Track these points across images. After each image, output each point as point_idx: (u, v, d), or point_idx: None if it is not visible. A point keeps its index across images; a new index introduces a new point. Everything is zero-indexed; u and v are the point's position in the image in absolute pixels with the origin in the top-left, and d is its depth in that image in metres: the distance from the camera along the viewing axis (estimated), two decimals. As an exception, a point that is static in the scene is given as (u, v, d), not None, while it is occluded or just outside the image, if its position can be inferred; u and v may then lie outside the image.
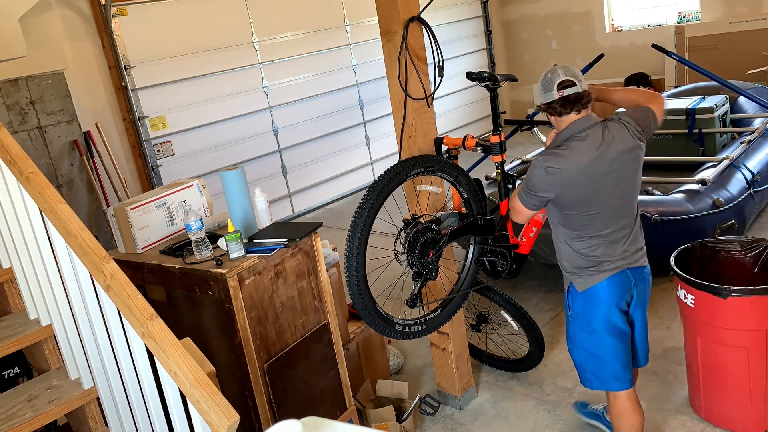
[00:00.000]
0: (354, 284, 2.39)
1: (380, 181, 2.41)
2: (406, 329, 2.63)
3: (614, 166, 2.27)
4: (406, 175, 2.48)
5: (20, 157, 2.07)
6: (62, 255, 2.06)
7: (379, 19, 2.79)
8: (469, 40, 8.93)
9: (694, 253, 2.93)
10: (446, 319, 2.85)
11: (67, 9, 5.28)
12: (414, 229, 2.51)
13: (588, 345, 2.46)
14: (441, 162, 2.61)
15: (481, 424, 3.09)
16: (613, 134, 2.28)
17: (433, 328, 2.79)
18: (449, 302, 2.86)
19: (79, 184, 5.38)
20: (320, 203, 7.23)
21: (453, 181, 2.70)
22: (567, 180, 2.24)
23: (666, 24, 8.13)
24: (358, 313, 2.49)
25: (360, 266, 2.39)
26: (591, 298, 2.38)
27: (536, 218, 2.95)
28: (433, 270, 2.56)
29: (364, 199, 2.38)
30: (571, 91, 2.27)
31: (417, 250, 2.51)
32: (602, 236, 2.33)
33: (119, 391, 2.10)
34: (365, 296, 2.44)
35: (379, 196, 2.39)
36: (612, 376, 2.44)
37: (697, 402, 2.87)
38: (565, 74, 2.29)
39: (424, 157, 2.58)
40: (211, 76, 6.12)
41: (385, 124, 7.70)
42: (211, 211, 2.96)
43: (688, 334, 2.80)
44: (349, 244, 2.37)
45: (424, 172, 2.55)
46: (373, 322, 2.50)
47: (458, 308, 2.92)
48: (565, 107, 2.29)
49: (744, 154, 4.65)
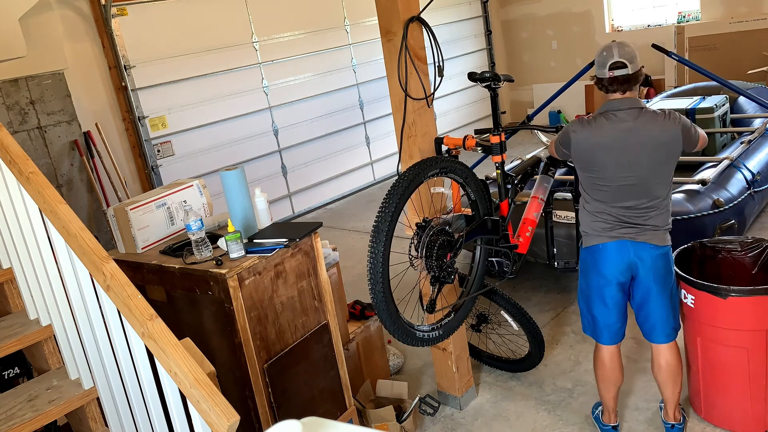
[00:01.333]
0: (379, 293, 2.32)
1: (400, 184, 2.36)
2: (425, 335, 2.62)
3: (631, 151, 2.42)
4: (424, 176, 2.44)
5: (20, 157, 2.07)
6: (62, 255, 2.06)
7: (379, 19, 2.79)
8: (469, 40, 8.93)
9: (694, 253, 2.93)
10: (460, 322, 2.84)
11: (67, 9, 5.29)
12: (430, 233, 2.47)
13: (583, 296, 2.74)
14: (454, 163, 2.60)
15: (481, 424, 3.09)
16: (645, 124, 2.42)
17: (449, 332, 2.78)
18: (461, 306, 2.86)
19: (79, 185, 5.38)
20: (320, 203, 7.23)
21: (463, 182, 2.69)
22: (580, 146, 2.50)
23: (666, 24, 8.13)
24: (381, 321, 2.42)
25: (385, 273, 2.32)
26: (591, 255, 2.61)
27: (531, 218, 2.96)
28: (451, 273, 2.55)
29: (385, 204, 2.32)
30: (621, 73, 2.43)
31: (435, 254, 2.48)
32: (610, 206, 2.51)
33: (119, 391, 2.10)
34: (390, 305, 2.38)
35: (401, 200, 2.34)
36: (597, 329, 2.70)
37: (697, 402, 2.87)
38: (619, 55, 2.43)
39: (440, 158, 2.56)
40: (211, 76, 6.13)
41: (385, 124, 7.70)
42: (211, 211, 2.96)
43: (689, 335, 2.80)
44: (372, 252, 2.30)
45: (438, 174, 2.53)
46: (397, 331, 2.46)
47: (470, 311, 2.92)
48: (612, 85, 2.47)
49: (744, 154, 4.65)
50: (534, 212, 2.98)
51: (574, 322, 3.70)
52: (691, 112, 5.28)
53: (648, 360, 3.32)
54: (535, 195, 3.02)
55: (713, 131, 5.26)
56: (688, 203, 3.98)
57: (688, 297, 2.68)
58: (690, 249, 2.93)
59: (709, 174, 4.29)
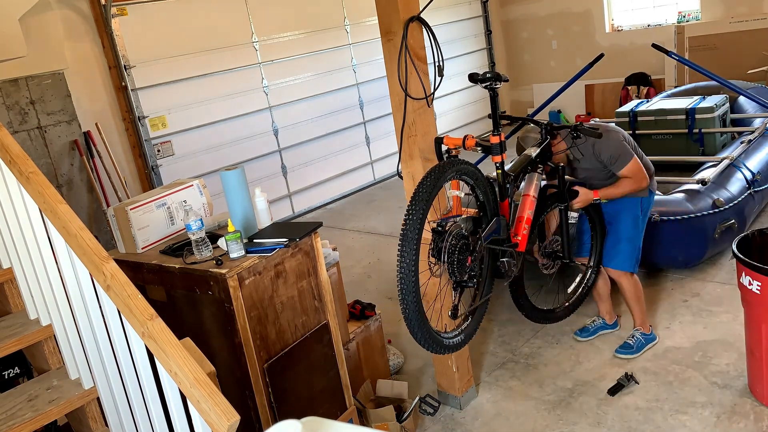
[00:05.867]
0: (411, 303, 2.28)
1: (423, 189, 2.32)
2: (451, 342, 2.62)
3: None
4: (444, 180, 2.42)
5: (20, 157, 2.07)
6: (62, 255, 2.06)
7: (379, 19, 2.79)
8: (469, 40, 8.93)
9: (753, 240, 2.94)
10: (477, 325, 2.84)
11: (67, 9, 5.28)
12: (450, 237, 2.44)
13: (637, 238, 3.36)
14: (467, 164, 2.59)
15: (481, 424, 3.09)
16: None
17: (469, 337, 2.78)
18: (476, 309, 2.85)
19: (79, 184, 5.38)
20: (320, 203, 7.23)
21: (474, 184, 2.68)
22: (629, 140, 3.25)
23: (666, 24, 8.13)
24: (412, 333, 2.38)
25: (416, 284, 2.28)
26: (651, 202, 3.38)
27: (525, 215, 2.96)
28: (474, 276, 2.53)
29: (411, 211, 2.29)
30: None
31: (456, 258, 2.45)
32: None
33: (119, 391, 2.10)
34: (422, 315, 2.35)
35: (426, 205, 2.31)
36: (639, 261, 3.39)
37: (760, 389, 2.86)
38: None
39: (456, 160, 2.55)
40: (211, 76, 6.12)
41: (385, 124, 7.70)
42: (211, 211, 2.96)
43: (752, 321, 2.79)
44: (403, 261, 2.25)
45: (455, 176, 2.52)
46: (428, 341, 2.44)
47: (484, 314, 2.92)
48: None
49: (744, 153, 4.65)
50: (528, 210, 2.98)
51: (575, 321, 3.70)
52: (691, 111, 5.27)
53: (648, 359, 3.33)
54: (526, 193, 3.01)
55: (713, 131, 5.26)
56: (689, 203, 3.98)
57: (753, 284, 2.66)
58: (749, 237, 2.93)
59: (709, 174, 4.29)
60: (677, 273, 4.20)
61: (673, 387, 3.10)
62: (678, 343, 3.43)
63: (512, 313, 3.81)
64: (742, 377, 3.04)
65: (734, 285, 3.45)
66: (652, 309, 3.81)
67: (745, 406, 2.86)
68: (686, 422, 2.85)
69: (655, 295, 3.97)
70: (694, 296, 3.89)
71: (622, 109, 5.74)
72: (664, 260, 4.12)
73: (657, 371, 3.23)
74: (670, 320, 3.68)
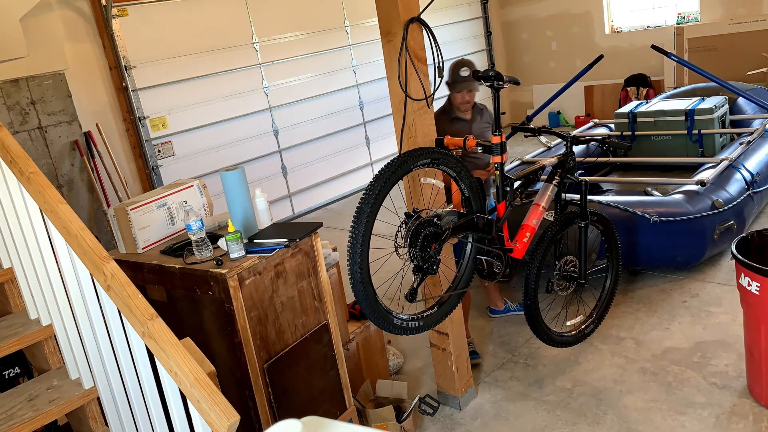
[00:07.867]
0: (357, 272, 2.36)
1: (388, 169, 2.38)
2: (404, 324, 2.61)
3: None
4: (413, 164, 2.46)
5: (21, 157, 2.07)
6: (63, 255, 2.07)
7: (379, 20, 2.80)
8: (469, 41, 8.94)
9: (752, 242, 2.94)
10: (443, 317, 2.83)
11: (68, 9, 5.29)
12: (416, 222, 2.49)
13: None
14: (446, 155, 2.59)
15: (481, 424, 3.09)
16: None
17: (430, 325, 2.76)
18: (446, 300, 2.85)
19: (80, 185, 5.39)
20: (320, 203, 7.24)
21: (456, 177, 2.69)
22: None
23: (665, 25, 8.14)
24: (358, 303, 2.46)
25: (364, 254, 2.35)
26: None
27: (531, 224, 2.94)
28: (434, 264, 2.55)
29: (370, 186, 2.35)
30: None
31: (419, 243, 2.50)
32: None
33: (119, 391, 2.11)
34: (367, 286, 2.41)
35: (387, 183, 2.36)
36: None
37: (759, 389, 2.87)
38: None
39: (431, 149, 2.56)
40: (212, 76, 6.13)
41: (385, 125, 7.70)
42: (211, 211, 2.97)
43: (751, 322, 2.79)
44: (353, 231, 2.34)
45: (429, 164, 2.54)
46: (373, 314, 2.47)
47: (454, 307, 2.91)
48: None
49: (743, 155, 4.66)
50: (534, 219, 2.95)
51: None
52: (690, 113, 5.28)
53: (647, 360, 3.33)
54: (537, 202, 2.99)
55: (712, 132, 5.27)
56: (688, 204, 3.99)
57: (752, 284, 2.67)
58: (748, 238, 2.94)
59: (709, 175, 4.29)
60: (676, 274, 4.20)
61: (672, 387, 3.10)
62: (677, 344, 3.44)
63: (512, 313, 3.82)
64: (741, 378, 3.04)
65: (733, 286, 3.46)
66: (652, 310, 3.81)
67: (744, 407, 2.87)
68: (685, 423, 2.85)
69: (654, 296, 3.97)
70: (693, 297, 3.90)
71: (622, 110, 5.76)
72: (664, 261, 4.13)
73: (656, 372, 3.24)
74: (669, 321, 3.68)
